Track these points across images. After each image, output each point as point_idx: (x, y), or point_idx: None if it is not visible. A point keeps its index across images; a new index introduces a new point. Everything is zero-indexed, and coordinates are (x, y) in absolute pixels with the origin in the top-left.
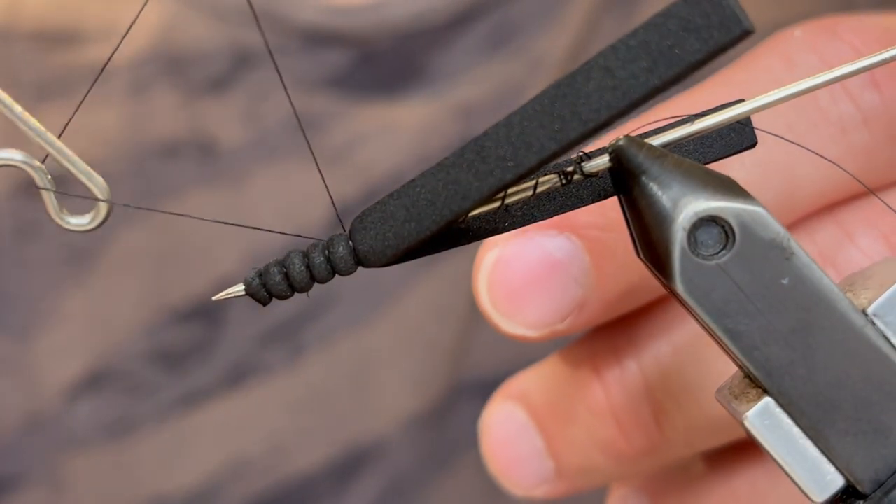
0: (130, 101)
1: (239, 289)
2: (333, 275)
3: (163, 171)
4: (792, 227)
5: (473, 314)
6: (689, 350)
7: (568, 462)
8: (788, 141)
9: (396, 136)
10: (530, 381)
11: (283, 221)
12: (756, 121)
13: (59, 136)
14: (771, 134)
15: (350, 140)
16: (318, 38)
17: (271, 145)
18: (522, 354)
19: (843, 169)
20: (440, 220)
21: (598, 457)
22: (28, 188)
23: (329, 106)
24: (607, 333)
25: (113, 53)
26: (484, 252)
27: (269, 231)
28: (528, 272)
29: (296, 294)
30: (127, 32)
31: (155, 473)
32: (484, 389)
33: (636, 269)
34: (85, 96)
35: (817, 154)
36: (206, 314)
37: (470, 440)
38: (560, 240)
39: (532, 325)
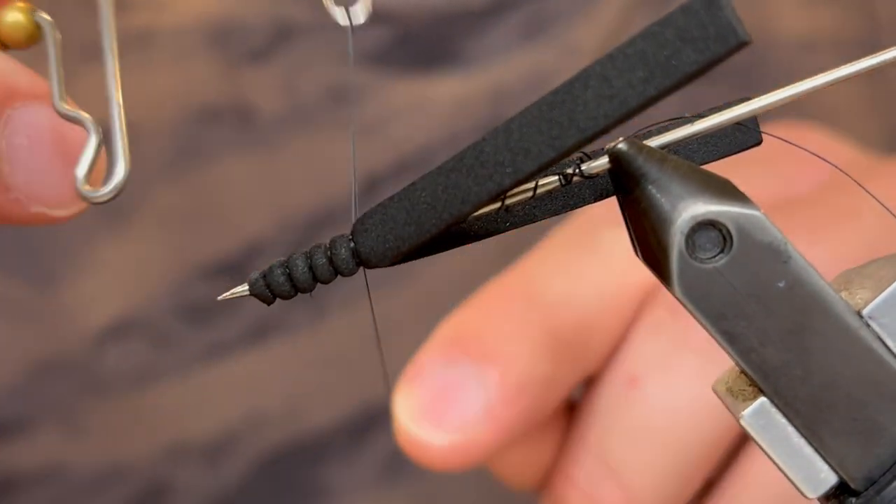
0: (173, 68)
1: (243, 289)
2: (336, 275)
3: (200, 134)
4: None
5: None
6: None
7: None
8: (789, 143)
9: (429, 114)
10: None
11: (314, 189)
12: None
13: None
14: (771, 136)
15: (384, 115)
16: None
17: (307, 116)
18: None
19: (840, 170)
20: (439, 224)
21: None
22: None
23: (365, 80)
24: None
25: None
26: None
27: None
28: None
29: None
30: None
31: (174, 422)
32: None
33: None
34: None
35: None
36: (233, 272)
37: None
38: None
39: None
